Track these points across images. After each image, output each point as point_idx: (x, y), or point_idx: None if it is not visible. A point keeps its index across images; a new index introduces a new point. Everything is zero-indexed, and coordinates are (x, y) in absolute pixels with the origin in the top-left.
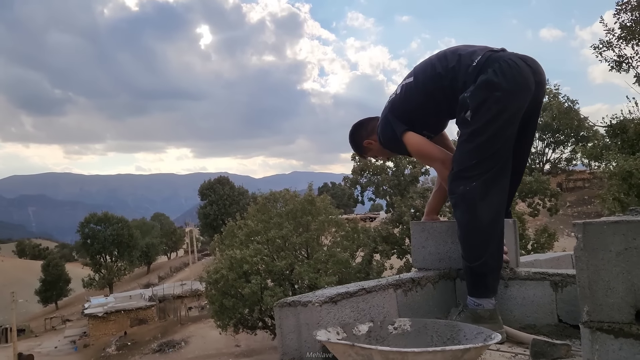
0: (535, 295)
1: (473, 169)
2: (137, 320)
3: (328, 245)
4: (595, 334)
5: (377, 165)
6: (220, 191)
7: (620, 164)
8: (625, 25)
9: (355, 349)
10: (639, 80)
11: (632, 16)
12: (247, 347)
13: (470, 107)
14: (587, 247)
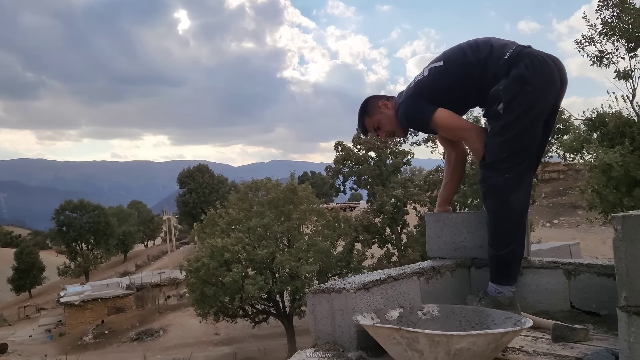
0: (549, 283)
1: (504, 161)
2: (114, 309)
3: (309, 234)
4: (632, 317)
5: (359, 155)
6: (199, 179)
7: (601, 157)
8: (607, 21)
9: (401, 332)
10: (619, 75)
11: (613, 12)
12: (226, 336)
13: (503, 100)
14: (626, 237)
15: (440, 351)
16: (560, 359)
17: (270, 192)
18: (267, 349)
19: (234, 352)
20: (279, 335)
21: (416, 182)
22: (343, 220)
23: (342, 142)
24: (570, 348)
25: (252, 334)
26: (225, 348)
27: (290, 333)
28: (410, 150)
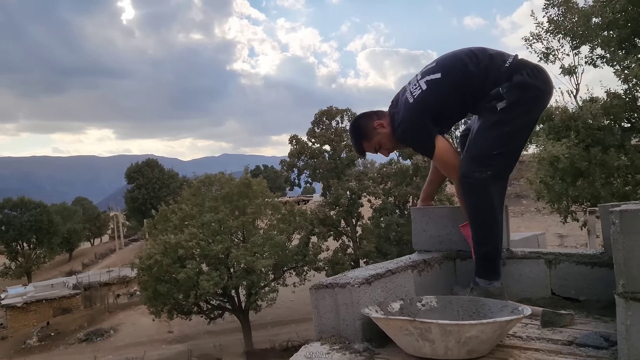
0: (531, 272)
1: (492, 158)
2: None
3: (264, 229)
4: (629, 302)
5: (314, 149)
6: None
7: (548, 150)
8: (553, 20)
9: (415, 323)
10: (564, 71)
11: (559, 11)
12: (180, 333)
13: (507, 100)
14: (623, 230)
15: (451, 340)
16: (552, 342)
17: (224, 187)
18: (223, 345)
19: (189, 350)
20: (235, 330)
21: (370, 175)
22: (298, 213)
23: (297, 135)
24: (560, 332)
25: (206, 330)
26: (180, 346)
27: (247, 328)
28: None
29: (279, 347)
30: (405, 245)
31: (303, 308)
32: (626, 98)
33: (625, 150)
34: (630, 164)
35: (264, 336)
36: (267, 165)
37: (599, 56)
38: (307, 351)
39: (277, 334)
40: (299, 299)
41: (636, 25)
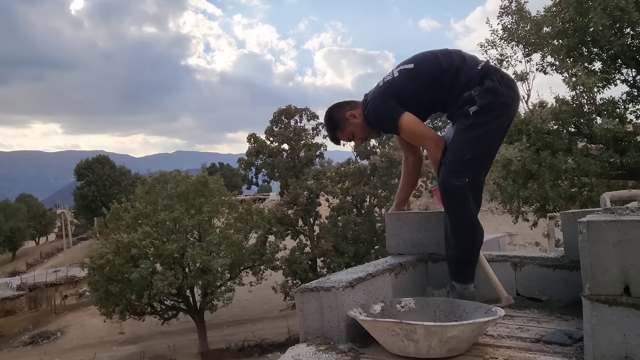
0: (498, 274)
1: (466, 163)
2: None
3: (221, 227)
4: (594, 304)
5: (272, 147)
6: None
7: (502, 153)
8: (507, 27)
9: (401, 325)
10: (517, 77)
11: (513, 19)
12: (132, 334)
13: (478, 104)
14: (590, 239)
15: (434, 339)
16: (521, 340)
17: (180, 185)
18: (177, 346)
19: (142, 351)
20: (189, 330)
21: (328, 174)
22: (256, 212)
23: (255, 134)
24: (527, 330)
25: (160, 331)
26: (132, 347)
27: (202, 328)
28: (323, 142)
29: (234, 347)
30: (362, 244)
31: (259, 307)
32: (573, 104)
33: (572, 154)
34: (577, 166)
35: (219, 336)
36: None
37: (549, 64)
38: (294, 352)
39: (232, 334)
40: (255, 298)
41: (583, 35)
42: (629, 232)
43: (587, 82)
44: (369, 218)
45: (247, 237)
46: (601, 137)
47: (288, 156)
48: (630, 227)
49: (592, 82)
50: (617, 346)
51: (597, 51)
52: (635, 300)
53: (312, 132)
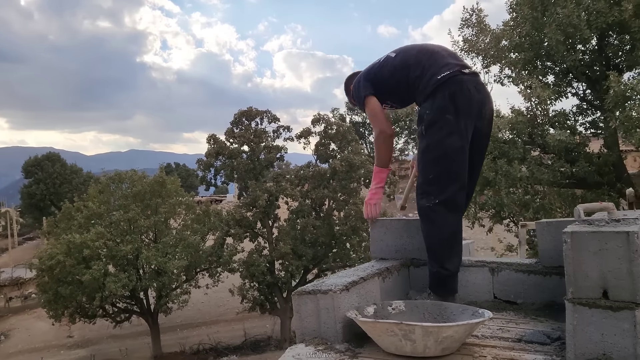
0: (476, 278)
1: (431, 183)
2: None
3: (177, 229)
4: (576, 306)
5: (233, 149)
6: (49, 169)
7: None
8: (467, 39)
9: (401, 325)
10: None
11: (473, 31)
12: (81, 338)
13: (425, 123)
14: (573, 248)
15: (431, 339)
16: (503, 340)
17: (136, 185)
18: (129, 349)
19: (92, 355)
20: (142, 334)
21: (287, 176)
22: (213, 214)
23: (215, 135)
24: (508, 331)
25: (110, 334)
26: (81, 351)
27: (155, 331)
28: (283, 145)
29: (189, 351)
30: (320, 247)
31: (214, 310)
32: (528, 115)
33: (526, 163)
34: (531, 175)
35: (173, 339)
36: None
37: (507, 76)
38: (294, 352)
39: (186, 337)
40: (211, 301)
41: (538, 50)
42: (608, 242)
43: (542, 94)
44: (328, 221)
45: (204, 238)
46: (554, 147)
47: (248, 158)
48: (609, 238)
49: (546, 94)
50: (595, 345)
51: (550, 65)
52: (612, 303)
53: (272, 134)
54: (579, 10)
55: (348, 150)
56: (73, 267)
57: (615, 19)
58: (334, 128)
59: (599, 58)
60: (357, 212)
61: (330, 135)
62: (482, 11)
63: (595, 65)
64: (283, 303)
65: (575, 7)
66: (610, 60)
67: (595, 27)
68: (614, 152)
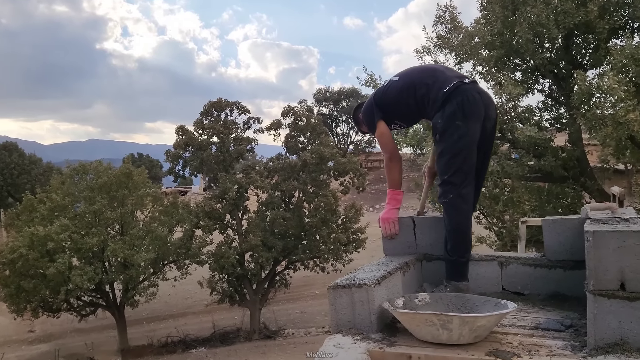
0: (486, 271)
1: (447, 183)
2: None
3: (144, 221)
4: (597, 297)
5: (202, 140)
6: (6, 159)
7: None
8: (441, 36)
9: (440, 316)
10: None
11: (446, 28)
12: (43, 332)
13: (439, 131)
14: (595, 245)
15: (466, 328)
16: (521, 328)
17: (101, 176)
18: (95, 343)
19: (56, 350)
20: (107, 327)
21: (257, 168)
22: (182, 206)
23: (184, 126)
24: (523, 320)
25: (74, 328)
26: (43, 346)
27: (122, 324)
28: (254, 137)
29: (157, 343)
30: (289, 239)
31: (182, 302)
32: (498, 111)
33: (496, 157)
34: (501, 169)
35: (140, 332)
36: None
37: (478, 72)
38: (335, 341)
39: (154, 330)
40: (178, 293)
41: (509, 47)
42: (626, 240)
43: (513, 91)
44: (298, 213)
45: (172, 230)
46: (523, 142)
47: (217, 149)
48: (626, 237)
49: (517, 92)
50: (613, 331)
51: (519, 62)
52: (629, 294)
53: (243, 126)
54: (547, 10)
55: (317, 142)
56: (36, 261)
57: (581, 20)
58: (304, 120)
59: (565, 56)
60: (327, 204)
61: (300, 127)
62: (455, 9)
63: (561, 63)
64: (252, 294)
65: (545, 7)
66: (575, 58)
67: (562, 27)
68: (578, 147)
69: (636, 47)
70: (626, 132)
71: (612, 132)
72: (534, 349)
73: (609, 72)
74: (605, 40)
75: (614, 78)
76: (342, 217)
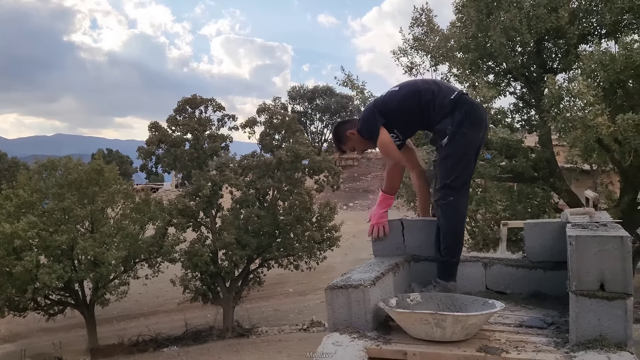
0: (470, 272)
1: (449, 187)
2: None
3: (115, 218)
4: (579, 297)
5: (175, 137)
6: None
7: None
8: (417, 38)
9: (435, 315)
10: None
11: (422, 30)
12: (8, 332)
13: (448, 136)
14: (578, 249)
15: (459, 326)
16: (506, 325)
17: (71, 173)
18: (63, 343)
19: (22, 349)
20: (76, 326)
21: (231, 165)
22: (154, 203)
23: (158, 122)
24: (507, 318)
25: (41, 327)
26: (9, 346)
27: (91, 323)
28: (229, 134)
29: (128, 342)
30: (263, 237)
31: (153, 301)
32: None
33: None
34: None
35: (110, 331)
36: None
37: (454, 74)
38: (333, 339)
39: (124, 329)
40: (149, 292)
41: (483, 51)
42: (606, 244)
43: (487, 94)
44: (272, 211)
45: (144, 228)
46: (496, 144)
47: (192, 146)
48: (606, 241)
49: (491, 94)
50: (593, 328)
51: (492, 65)
52: (608, 294)
53: (217, 123)
54: (520, 15)
55: (293, 140)
56: (2, 259)
57: (552, 25)
58: (279, 118)
59: (537, 60)
60: (302, 202)
61: (275, 125)
62: (431, 11)
63: (533, 67)
64: (226, 292)
65: (518, 12)
66: (546, 63)
67: (535, 32)
68: (548, 149)
69: (604, 53)
70: (594, 134)
71: (582, 135)
72: (520, 345)
73: (579, 77)
74: (575, 46)
75: (583, 83)
76: (316, 215)
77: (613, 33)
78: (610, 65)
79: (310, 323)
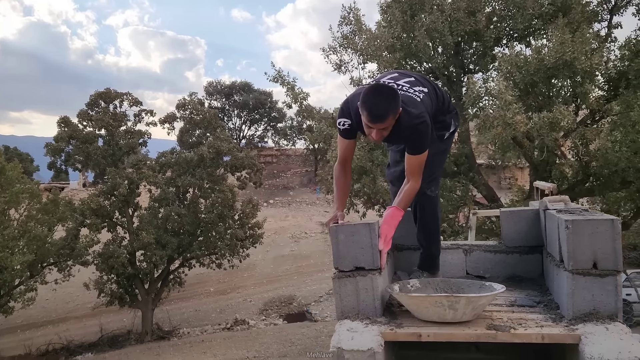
0: (452, 258)
1: (436, 178)
2: None
3: (20, 220)
4: (574, 275)
5: (87, 133)
6: None
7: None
8: (346, 36)
9: (450, 297)
10: (353, 82)
11: (351, 29)
12: None
13: (449, 132)
14: (574, 232)
15: (469, 307)
16: (499, 305)
17: None
18: None
19: None
20: None
21: (148, 162)
22: (64, 203)
23: (68, 117)
24: (496, 299)
25: None
26: None
27: None
28: (146, 130)
29: (36, 352)
30: (184, 236)
31: (62, 307)
32: None
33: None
34: None
35: (14, 341)
36: (7, 146)
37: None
38: (346, 326)
39: (31, 338)
40: (58, 297)
41: (408, 50)
42: (598, 227)
43: None
44: (193, 209)
45: (53, 230)
46: None
47: (106, 143)
48: (599, 224)
49: None
50: (587, 303)
51: (415, 65)
52: (600, 272)
53: (134, 118)
54: (442, 17)
55: (214, 137)
56: None
57: (471, 28)
58: (198, 114)
59: (456, 61)
60: (224, 200)
61: (195, 121)
62: (359, 10)
63: (452, 67)
64: (144, 295)
65: (440, 15)
66: (464, 64)
67: (455, 34)
68: (467, 145)
69: (517, 55)
70: (512, 132)
71: (502, 132)
72: (522, 322)
73: (496, 78)
74: (491, 48)
75: (503, 83)
76: (239, 213)
77: (524, 37)
78: (524, 67)
79: (233, 322)
